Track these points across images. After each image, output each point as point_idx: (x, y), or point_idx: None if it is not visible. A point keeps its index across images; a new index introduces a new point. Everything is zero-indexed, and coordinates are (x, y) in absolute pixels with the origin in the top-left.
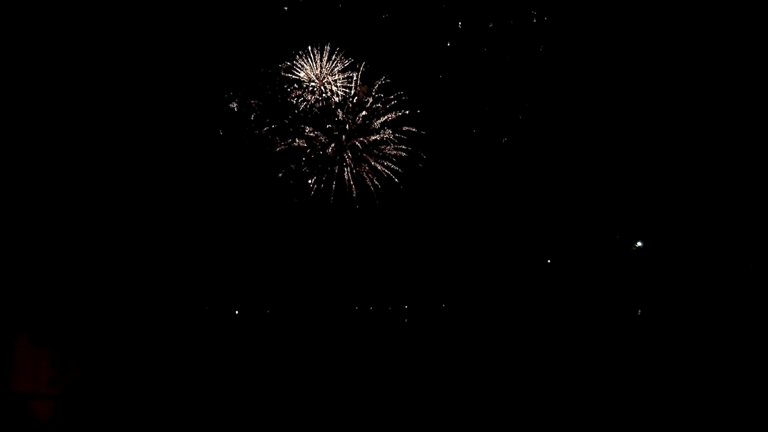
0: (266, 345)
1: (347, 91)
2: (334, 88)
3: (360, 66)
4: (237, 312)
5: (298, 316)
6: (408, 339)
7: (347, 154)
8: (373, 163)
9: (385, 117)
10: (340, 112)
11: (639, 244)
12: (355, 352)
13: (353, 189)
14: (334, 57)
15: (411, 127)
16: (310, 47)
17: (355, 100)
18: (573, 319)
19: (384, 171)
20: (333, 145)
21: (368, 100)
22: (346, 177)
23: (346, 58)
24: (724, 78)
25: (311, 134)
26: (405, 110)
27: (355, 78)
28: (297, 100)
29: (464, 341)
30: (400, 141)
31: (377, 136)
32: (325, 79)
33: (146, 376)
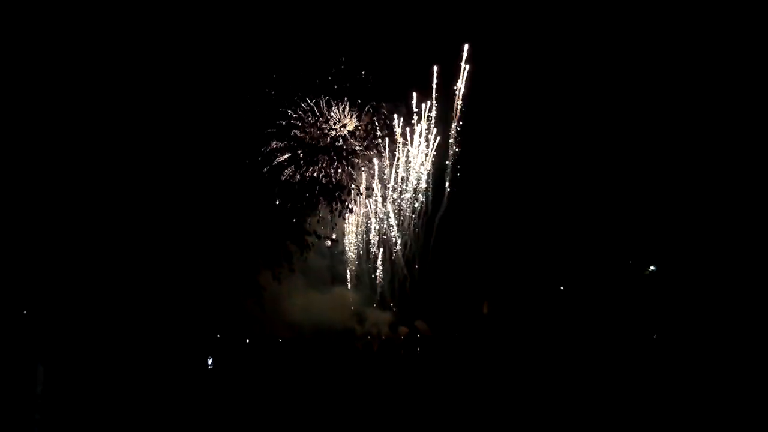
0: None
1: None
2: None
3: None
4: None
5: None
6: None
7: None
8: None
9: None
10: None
11: (652, 268)
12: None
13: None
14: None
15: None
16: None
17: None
18: (587, 344)
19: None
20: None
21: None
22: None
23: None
24: (746, 108)
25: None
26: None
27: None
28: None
29: (476, 366)
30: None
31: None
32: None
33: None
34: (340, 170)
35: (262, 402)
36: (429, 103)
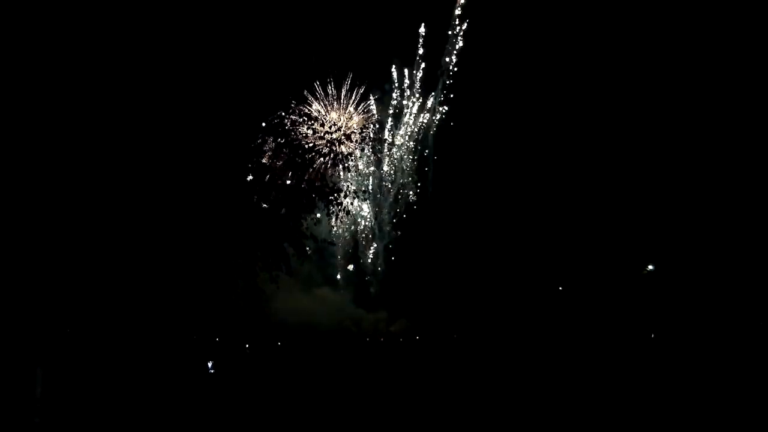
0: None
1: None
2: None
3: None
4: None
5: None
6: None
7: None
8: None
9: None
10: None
11: (650, 267)
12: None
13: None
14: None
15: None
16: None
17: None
18: (586, 343)
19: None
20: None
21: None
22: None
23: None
24: (745, 108)
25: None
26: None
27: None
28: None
29: (475, 366)
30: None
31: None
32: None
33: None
34: (335, 172)
35: (264, 406)
36: (415, 77)
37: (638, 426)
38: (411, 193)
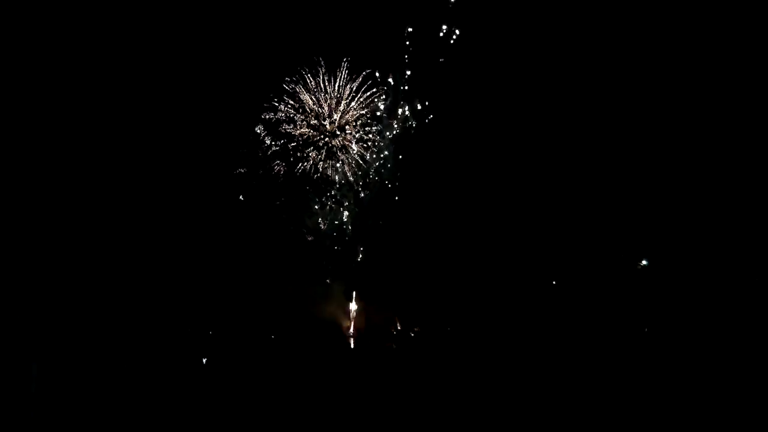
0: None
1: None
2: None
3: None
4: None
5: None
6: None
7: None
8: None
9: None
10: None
11: (644, 262)
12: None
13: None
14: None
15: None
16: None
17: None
18: (579, 339)
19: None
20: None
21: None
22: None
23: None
24: (740, 100)
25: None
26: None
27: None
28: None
29: (469, 361)
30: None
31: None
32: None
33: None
34: (329, 165)
35: (258, 399)
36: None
37: (634, 420)
38: (391, 185)
